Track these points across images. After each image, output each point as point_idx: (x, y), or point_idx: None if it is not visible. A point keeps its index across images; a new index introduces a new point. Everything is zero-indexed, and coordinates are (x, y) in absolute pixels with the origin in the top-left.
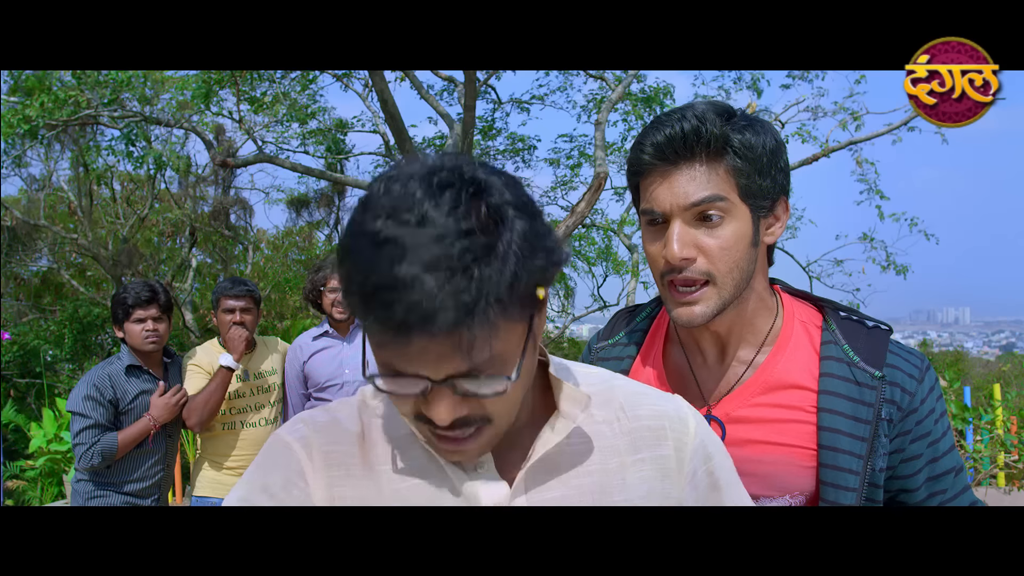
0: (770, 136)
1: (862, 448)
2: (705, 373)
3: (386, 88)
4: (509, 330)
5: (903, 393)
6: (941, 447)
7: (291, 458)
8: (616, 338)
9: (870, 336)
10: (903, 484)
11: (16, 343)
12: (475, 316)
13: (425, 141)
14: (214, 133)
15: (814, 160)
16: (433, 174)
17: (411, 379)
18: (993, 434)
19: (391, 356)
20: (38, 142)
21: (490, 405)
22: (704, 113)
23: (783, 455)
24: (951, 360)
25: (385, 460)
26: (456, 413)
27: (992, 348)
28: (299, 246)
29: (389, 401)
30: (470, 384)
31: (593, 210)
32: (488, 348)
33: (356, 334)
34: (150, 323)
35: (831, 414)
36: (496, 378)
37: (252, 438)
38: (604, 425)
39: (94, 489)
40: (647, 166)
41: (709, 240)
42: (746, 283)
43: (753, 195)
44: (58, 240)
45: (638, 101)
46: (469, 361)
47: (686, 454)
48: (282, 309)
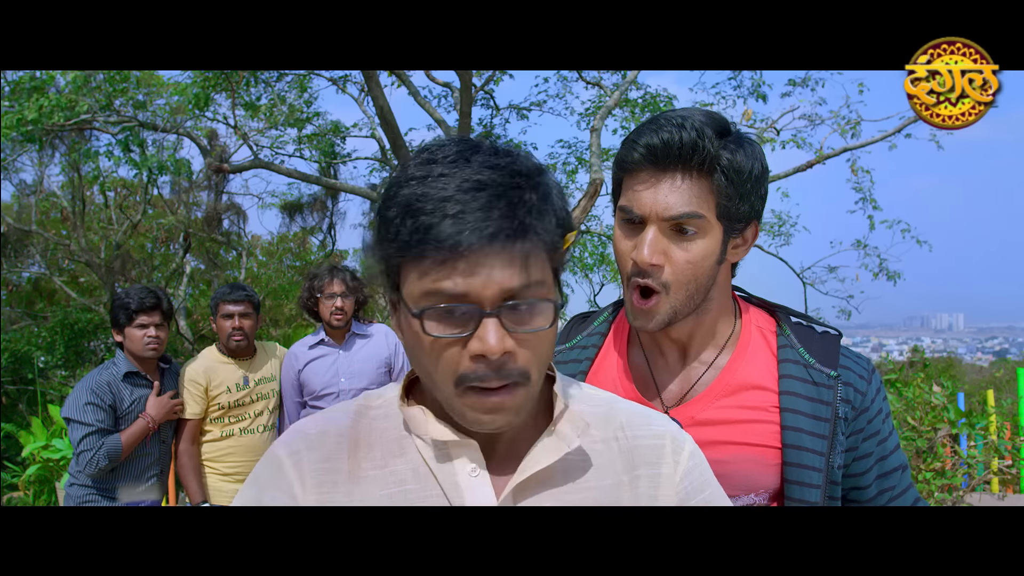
0: (758, 162)
1: (823, 445)
2: (666, 375)
3: (381, 93)
4: (546, 266)
5: (856, 392)
6: (888, 446)
7: (283, 478)
8: (573, 342)
9: (822, 340)
10: (855, 482)
11: (8, 349)
12: (527, 231)
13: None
14: (208, 138)
15: (808, 167)
16: (465, 139)
17: (461, 314)
18: (987, 440)
19: (444, 279)
20: (34, 147)
21: (529, 354)
22: (703, 127)
23: (749, 454)
24: (944, 366)
25: (377, 465)
26: (505, 345)
27: (985, 354)
28: (293, 252)
29: (389, 406)
30: (518, 316)
31: (589, 216)
32: (537, 271)
33: (352, 342)
34: (152, 329)
35: (793, 414)
36: (543, 305)
37: (250, 444)
38: (602, 444)
39: (87, 494)
40: (636, 165)
41: (679, 252)
42: (701, 296)
43: (729, 216)
44: (50, 246)
45: (636, 107)
46: (522, 276)
47: (681, 473)
48: (277, 316)
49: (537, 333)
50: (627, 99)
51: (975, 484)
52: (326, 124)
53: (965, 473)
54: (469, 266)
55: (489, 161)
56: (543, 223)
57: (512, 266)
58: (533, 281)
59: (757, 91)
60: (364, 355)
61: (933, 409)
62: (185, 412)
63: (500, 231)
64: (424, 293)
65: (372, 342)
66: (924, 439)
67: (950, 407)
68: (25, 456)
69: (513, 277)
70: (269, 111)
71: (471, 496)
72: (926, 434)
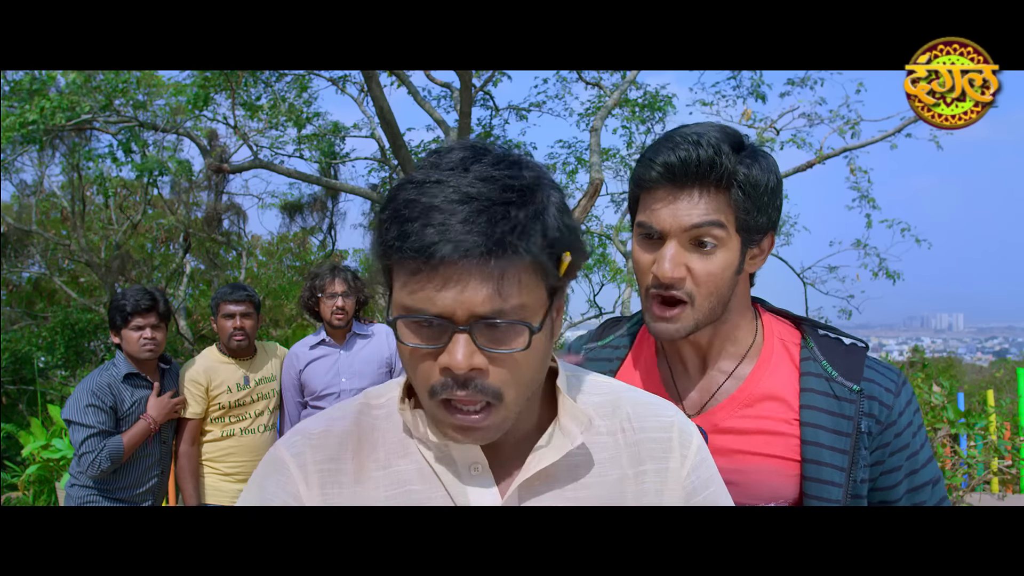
0: (773, 175)
1: (844, 460)
2: (686, 382)
3: (381, 94)
4: (534, 286)
5: (881, 406)
6: (920, 459)
7: (287, 478)
8: (607, 340)
9: (847, 353)
10: (884, 496)
11: (8, 349)
12: (505, 249)
13: (422, 145)
14: (208, 138)
15: (808, 167)
16: (475, 145)
17: (435, 327)
18: (987, 440)
19: (419, 290)
20: (35, 147)
21: (504, 374)
22: (719, 144)
23: (769, 465)
24: (944, 366)
25: (381, 466)
26: (474, 362)
27: (985, 354)
28: (293, 252)
29: (391, 406)
30: (492, 334)
31: (589, 216)
32: (514, 291)
33: (353, 342)
34: (148, 331)
35: (813, 428)
36: (519, 328)
37: (251, 444)
38: (607, 436)
39: (88, 494)
40: (653, 183)
41: (699, 265)
42: (722, 307)
43: (747, 229)
44: (50, 246)
45: (636, 107)
46: (496, 298)
47: (689, 468)
48: (277, 316)
49: (514, 354)
50: (627, 99)
51: (975, 484)
52: (326, 124)
53: (965, 473)
54: (442, 279)
55: (486, 172)
56: (527, 242)
57: (486, 284)
58: (510, 300)
59: (756, 91)
60: (365, 355)
61: (933, 409)
62: (186, 412)
63: (475, 247)
64: (402, 300)
65: (373, 342)
66: None
67: (949, 407)
68: (25, 456)
69: (485, 294)
70: (268, 111)
71: (475, 496)
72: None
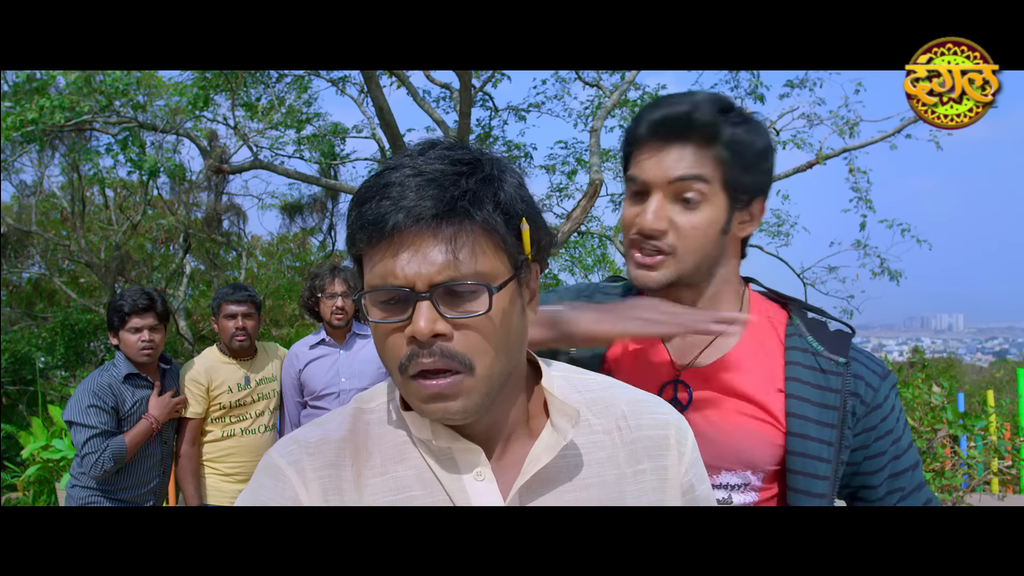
0: (762, 138)
1: (832, 435)
2: (676, 340)
3: (381, 94)
4: (492, 253)
5: (867, 387)
6: (903, 444)
7: (286, 484)
8: (620, 284)
9: (834, 333)
10: (865, 480)
11: (8, 350)
12: (456, 212)
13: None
14: (207, 139)
15: (808, 167)
16: (433, 138)
17: (398, 300)
18: (987, 440)
19: (379, 263)
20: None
21: (470, 340)
22: (701, 103)
23: (750, 427)
24: (944, 366)
25: (378, 472)
26: (436, 327)
27: (985, 355)
28: (293, 252)
29: (385, 407)
30: (452, 300)
31: (589, 217)
32: (469, 256)
33: (353, 342)
34: (146, 333)
35: (798, 400)
36: (479, 290)
37: (251, 444)
38: (603, 435)
39: (89, 495)
40: (641, 138)
41: (682, 218)
42: (708, 267)
43: (734, 187)
44: (50, 247)
45: (635, 107)
46: (452, 263)
47: (685, 466)
48: (277, 316)
49: (479, 319)
50: (626, 99)
51: (975, 485)
52: (326, 125)
53: (965, 474)
54: (397, 247)
55: (440, 153)
56: (478, 208)
57: (440, 249)
58: (466, 265)
59: (754, 92)
60: (365, 355)
61: (932, 410)
62: (186, 412)
63: (426, 211)
64: (367, 280)
65: (373, 342)
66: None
67: (949, 407)
68: (25, 457)
69: (442, 260)
70: (268, 111)
71: (477, 500)
72: (926, 435)
